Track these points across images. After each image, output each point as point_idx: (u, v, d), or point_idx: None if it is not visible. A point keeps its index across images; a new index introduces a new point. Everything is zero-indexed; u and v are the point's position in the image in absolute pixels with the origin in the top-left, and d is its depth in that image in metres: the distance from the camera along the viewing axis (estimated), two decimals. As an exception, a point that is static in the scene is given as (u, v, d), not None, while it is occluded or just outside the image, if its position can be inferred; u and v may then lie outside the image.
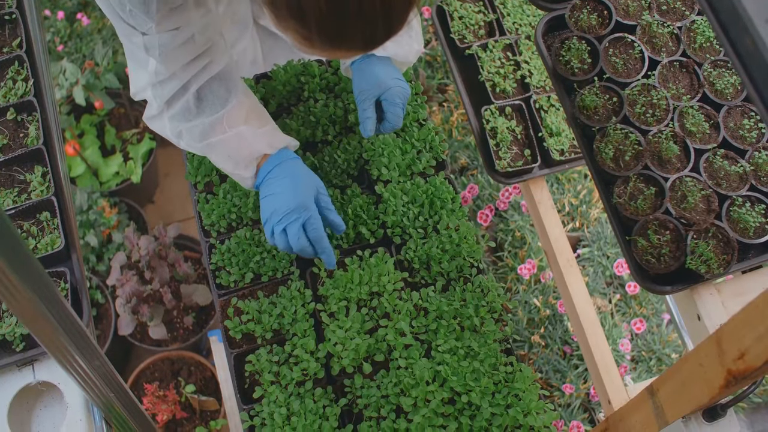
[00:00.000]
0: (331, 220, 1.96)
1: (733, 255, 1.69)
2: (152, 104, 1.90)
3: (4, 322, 1.84)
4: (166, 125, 1.92)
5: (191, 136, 1.92)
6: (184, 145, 1.95)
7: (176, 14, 1.71)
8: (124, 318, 2.93)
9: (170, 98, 1.87)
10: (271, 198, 1.92)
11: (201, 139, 1.91)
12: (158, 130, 1.96)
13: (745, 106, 1.86)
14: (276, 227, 1.89)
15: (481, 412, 1.82)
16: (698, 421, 1.33)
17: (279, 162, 1.95)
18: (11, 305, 1.16)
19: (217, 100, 1.90)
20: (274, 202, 1.90)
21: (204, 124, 1.89)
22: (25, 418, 1.83)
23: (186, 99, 1.87)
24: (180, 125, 1.91)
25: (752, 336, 1.01)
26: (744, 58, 0.87)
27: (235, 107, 1.91)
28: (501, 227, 3.19)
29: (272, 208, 1.90)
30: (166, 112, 1.90)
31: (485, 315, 1.97)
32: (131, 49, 1.84)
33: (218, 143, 1.91)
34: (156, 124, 1.95)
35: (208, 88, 1.89)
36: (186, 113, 1.89)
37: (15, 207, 1.98)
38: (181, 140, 1.94)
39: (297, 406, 1.87)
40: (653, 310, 3.09)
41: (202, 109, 1.89)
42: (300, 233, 1.88)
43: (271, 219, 1.90)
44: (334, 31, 1.27)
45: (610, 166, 1.81)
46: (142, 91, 1.90)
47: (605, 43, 1.92)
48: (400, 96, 2.00)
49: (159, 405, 3.00)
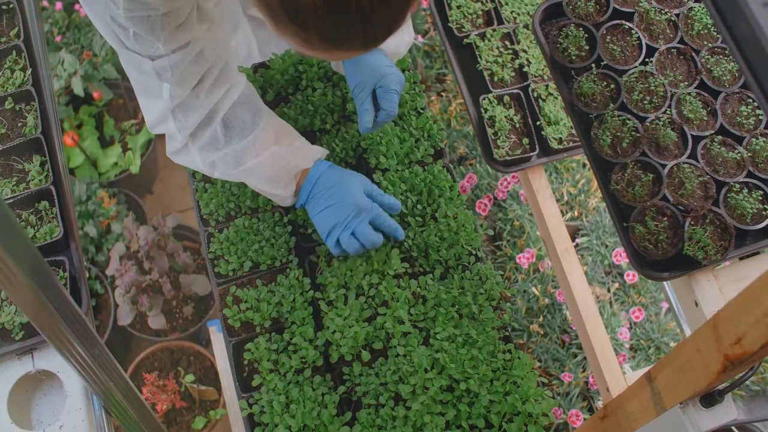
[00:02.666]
0: (387, 204, 2.02)
1: (731, 241, 1.70)
2: (175, 137, 1.88)
3: (3, 310, 1.84)
4: (197, 158, 1.92)
5: (226, 165, 1.92)
6: (218, 174, 1.95)
7: (182, 31, 1.69)
8: (124, 308, 2.94)
9: (195, 129, 1.85)
10: (327, 211, 1.95)
11: (236, 165, 1.92)
12: (186, 163, 1.96)
13: (743, 92, 1.86)
14: (343, 235, 1.93)
15: (480, 400, 1.83)
16: (696, 406, 1.33)
17: (319, 175, 1.98)
18: (11, 293, 1.16)
19: (244, 125, 1.90)
20: (334, 214, 1.95)
21: (236, 150, 1.89)
22: (25, 407, 1.84)
23: (213, 128, 1.86)
24: (212, 155, 1.90)
25: (749, 321, 1.02)
26: (740, 42, 0.87)
27: (263, 129, 1.92)
28: (500, 216, 3.19)
29: (334, 221, 1.94)
30: (192, 144, 1.89)
31: (483, 303, 1.97)
32: (141, 80, 1.80)
33: (254, 167, 1.92)
34: (183, 158, 1.94)
35: (233, 115, 1.89)
36: (215, 143, 1.89)
37: (13, 196, 1.98)
38: (215, 170, 1.94)
39: (296, 393, 1.87)
40: (652, 299, 3.09)
41: (230, 136, 1.89)
42: (369, 231, 1.94)
43: (335, 230, 1.94)
44: (332, 32, 1.24)
45: (608, 153, 1.81)
46: (160, 124, 1.86)
47: (603, 30, 1.92)
48: (395, 83, 2.01)
49: (158, 395, 3.01)
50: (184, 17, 1.68)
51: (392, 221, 2.00)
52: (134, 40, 1.68)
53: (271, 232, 2.08)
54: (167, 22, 1.65)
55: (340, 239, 1.95)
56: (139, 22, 1.63)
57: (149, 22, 1.63)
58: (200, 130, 1.86)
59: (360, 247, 1.96)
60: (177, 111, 1.82)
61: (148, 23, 1.63)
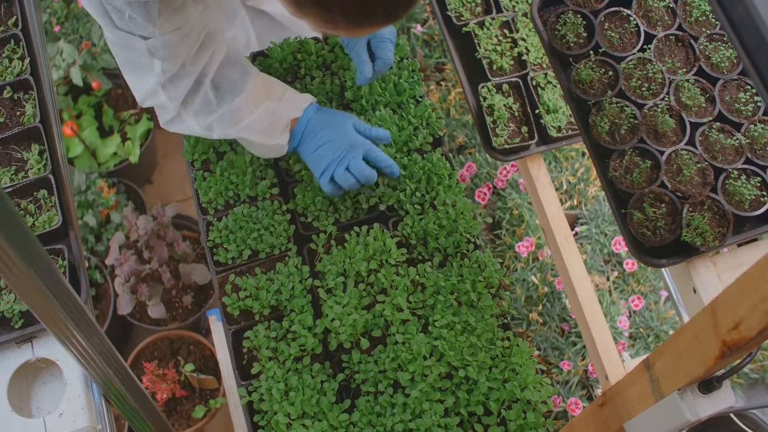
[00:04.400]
0: (376, 136, 2.08)
1: (729, 228, 1.70)
2: (167, 107, 1.91)
3: (2, 298, 1.84)
4: (192, 123, 1.95)
5: (222, 125, 1.95)
6: (216, 135, 1.98)
7: (177, 15, 1.71)
8: (123, 297, 2.94)
9: (186, 96, 1.88)
10: (321, 149, 2.02)
11: (232, 125, 1.95)
12: (181, 130, 1.99)
13: (741, 79, 1.86)
14: (337, 170, 1.99)
15: (479, 387, 1.83)
16: (694, 393, 1.33)
17: (309, 118, 2.04)
18: (10, 281, 1.16)
19: (233, 84, 1.92)
20: (327, 152, 2.01)
21: (230, 110, 1.92)
22: (25, 395, 1.84)
23: (203, 92, 1.88)
24: (207, 118, 1.93)
25: (746, 306, 1.02)
26: (738, 28, 0.87)
27: (253, 86, 1.95)
28: (499, 205, 3.19)
29: (328, 158, 2.00)
30: (185, 111, 1.91)
31: (482, 290, 1.98)
32: (130, 58, 1.82)
33: (251, 124, 1.96)
34: (177, 126, 1.97)
35: (221, 76, 1.91)
36: (208, 106, 1.91)
37: (12, 185, 1.98)
38: (213, 132, 1.97)
39: (295, 381, 1.88)
40: (651, 287, 3.09)
41: (221, 97, 1.92)
42: (364, 165, 2.00)
43: (330, 166, 2.00)
44: (356, 11, 1.26)
45: (606, 140, 1.81)
46: (150, 96, 1.89)
47: (601, 17, 1.92)
48: (388, 32, 2.08)
49: (158, 384, 3.01)
50: (181, 2, 1.69)
51: (386, 157, 2.06)
52: (129, 22, 1.70)
53: (269, 220, 2.08)
54: (164, 8, 1.66)
55: (335, 174, 2.00)
56: (137, 7, 1.64)
57: (146, 8, 1.64)
58: (191, 96, 1.89)
59: (355, 182, 2.01)
60: (167, 82, 1.84)
61: (145, 9, 1.65)
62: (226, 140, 2.18)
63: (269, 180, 2.14)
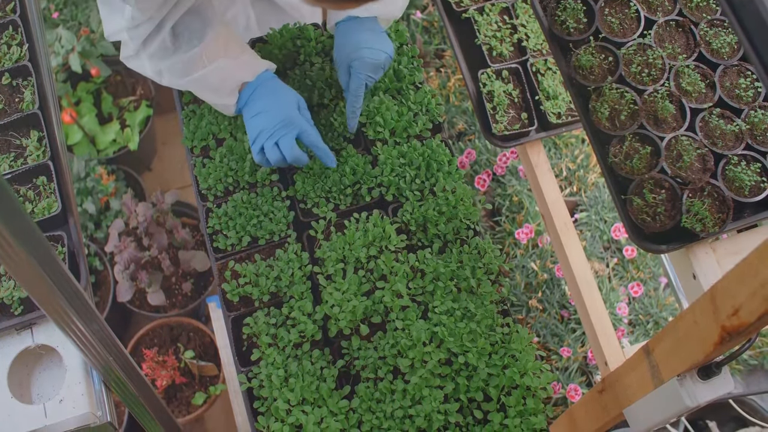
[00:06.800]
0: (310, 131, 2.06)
1: (729, 214, 1.69)
2: (128, 45, 1.95)
3: (2, 285, 1.84)
4: (146, 65, 1.97)
5: (172, 74, 1.96)
6: (165, 82, 2.00)
7: None
8: (123, 284, 2.94)
9: (146, 38, 1.89)
10: (257, 117, 2.00)
11: (183, 75, 1.96)
12: (137, 68, 2.01)
13: (741, 65, 1.85)
14: (267, 143, 1.97)
15: (478, 373, 1.84)
16: (693, 378, 1.33)
17: (259, 83, 2.03)
18: (9, 267, 1.16)
19: (192, 34, 1.92)
20: (261, 120, 1.99)
21: (183, 60, 1.92)
22: (25, 381, 1.84)
23: (162, 38, 1.89)
24: (159, 64, 1.94)
25: (746, 292, 1.02)
26: (738, 11, 0.86)
27: (213, 39, 1.94)
28: (498, 192, 3.19)
29: (260, 127, 1.98)
30: (143, 51, 1.93)
31: (482, 276, 1.98)
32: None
33: (201, 78, 1.96)
34: (134, 64, 2.00)
35: (182, 24, 1.91)
36: (163, 51, 1.92)
37: (11, 171, 1.98)
38: (162, 78, 1.99)
39: (295, 367, 1.88)
40: (650, 274, 3.09)
41: (178, 45, 1.92)
42: (293, 145, 1.97)
43: (261, 136, 1.98)
44: None
45: (606, 126, 1.80)
46: (116, 33, 1.95)
47: (601, 2, 1.91)
48: (364, 67, 2.05)
49: (158, 370, 3.02)
50: None
51: (322, 144, 2.04)
52: None
53: (269, 206, 2.08)
54: None
55: (264, 147, 1.99)
56: None
57: None
58: (151, 38, 1.90)
59: (281, 159, 2.00)
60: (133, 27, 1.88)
61: None
62: (226, 127, 2.18)
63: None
